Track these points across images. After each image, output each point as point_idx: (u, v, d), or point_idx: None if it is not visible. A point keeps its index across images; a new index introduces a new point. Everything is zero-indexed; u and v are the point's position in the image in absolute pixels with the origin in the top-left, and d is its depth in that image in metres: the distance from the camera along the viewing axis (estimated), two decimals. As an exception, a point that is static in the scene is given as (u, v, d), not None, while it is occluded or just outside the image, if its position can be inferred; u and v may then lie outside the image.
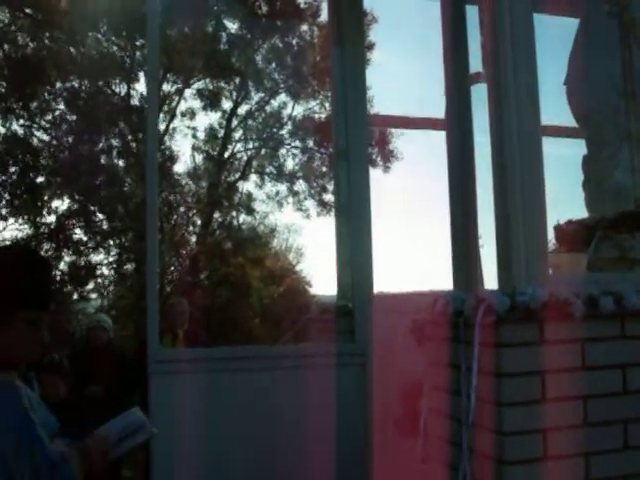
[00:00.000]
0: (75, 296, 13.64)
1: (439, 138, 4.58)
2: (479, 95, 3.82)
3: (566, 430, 2.80)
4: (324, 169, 16.53)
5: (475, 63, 3.98)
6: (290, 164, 17.25)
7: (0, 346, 2.32)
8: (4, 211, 13.05)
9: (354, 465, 4.00)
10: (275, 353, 4.24)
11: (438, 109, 4.41)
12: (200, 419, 3.83)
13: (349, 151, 4.43)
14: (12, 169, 12.97)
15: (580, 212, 4.14)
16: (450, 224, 3.77)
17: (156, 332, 3.85)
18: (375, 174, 14.96)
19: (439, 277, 3.45)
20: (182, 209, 15.23)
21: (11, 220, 13.19)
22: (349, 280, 4.38)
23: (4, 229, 13.22)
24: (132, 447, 2.57)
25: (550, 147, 4.09)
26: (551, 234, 4.02)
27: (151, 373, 3.79)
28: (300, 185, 17.25)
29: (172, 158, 14.92)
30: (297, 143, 17.09)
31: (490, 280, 3.66)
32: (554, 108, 4.39)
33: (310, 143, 16.87)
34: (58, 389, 4.85)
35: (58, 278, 13.31)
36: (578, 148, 4.23)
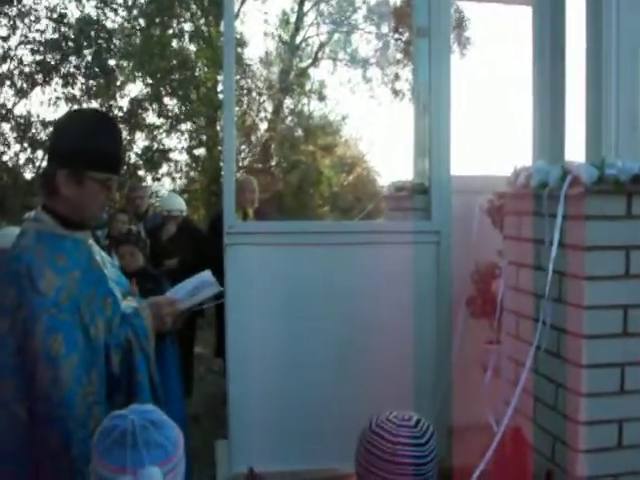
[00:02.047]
0: (149, 179, 13.87)
1: (518, 18, 4.39)
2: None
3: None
4: (398, 55, 16.13)
5: None
6: (363, 50, 16.89)
7: (74, 205, 2.40)
8: (78, 94, 13.17)
9: (427, 342, 4.03)
10: (350, 228, 4.22)
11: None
12: (274, 291, 3.89)
13: (430, 28, 4.24)
14: (86, 52, 12.97)
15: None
16: (534, 99, 3.65)
17: (232, 205, 3.87)
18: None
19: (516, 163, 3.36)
20: (253, 94, 15.12)
21: (85, 104, 13.31)
22: (426, 161, 4.31)
23: (79, 113, 13.36)
24: (201, 301, 2.68)
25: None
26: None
27: (226, 245, 3.84)
28: (373, 72, 16.93)
29: (243, 43, 14.70)
30: (371, 28, 16.65)
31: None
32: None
33: (385, 28, 16.41)
34: (136, 259, 4.95)
35: (132, 161, 13.53)
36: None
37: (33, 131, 12.84)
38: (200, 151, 14.48)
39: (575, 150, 3.31)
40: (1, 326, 2.24)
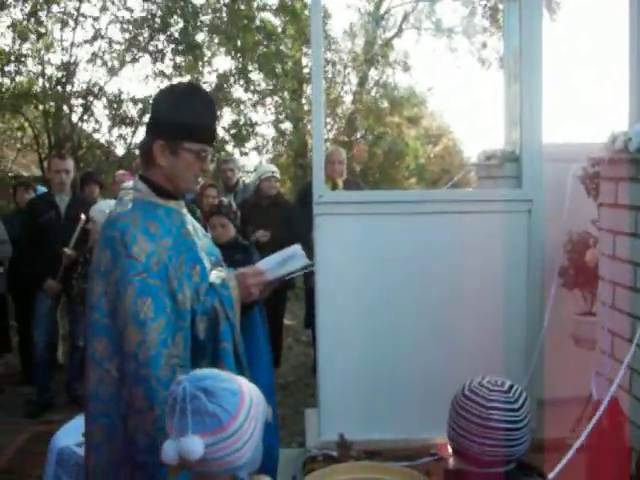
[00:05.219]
0: (237, 153, 14.02)
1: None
2: None
3: None
4: (485, 23, 15.79)
5: None
6: (448, 19, 16.64)
7: (169, 175, 2.49)
8: (167, 71, 13.40)
9: (518, 313, 3.98)
10: (440, 197, 4.17)
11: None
12: (363, 261, 3.90)
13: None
14: (174, 28, 13.16)
15: None
16: (630, 60, 3.50)
17: (322, 175, 3.88)
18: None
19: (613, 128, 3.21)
20: (338, 67, 15.10)
21: (174, 80, 13.53)
22: (517, 129, 4.22)
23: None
24: (288, 272, 2.69)
25: None
26: None
27: (316, 215, 3.86)
28: (459, 41, 16.66)
29: (327, 15, 14.66)
30: (457, -5, 16.36)
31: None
32: None
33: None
34: (227, 230, 4.99)
35: (220, 136, 13.72)
36: None
37: (124, 108, 13.15)
38: (286, 125, 14.58)
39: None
40: (96, 288, 2.37)
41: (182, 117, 2.44)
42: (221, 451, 1.77)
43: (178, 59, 13.33)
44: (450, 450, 2.12)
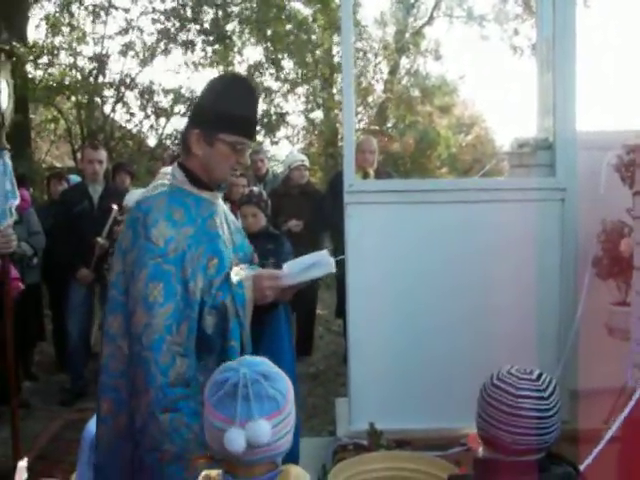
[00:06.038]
0: (267, 143, 14.02)
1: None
2: None
3: None
4: (517, 9, 15.60)
5: None
6: (480, 6, 16.48)
7: (203, 165, 2.48)
8: (198, 61, 13.40)
9: (551, 304, 3.95)
10: (472, 186, 4.15)
11: None
12: (394, 250, 3.89)
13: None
14: (204, 18, 13.17)
15: None
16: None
17: (352, 164, 3.88)
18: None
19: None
20: (369, 56, 15.03)
21: (205, 70, 13.56)
22: (550, 116, 4.17)
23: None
24: (311, 278, 2.65)
25: None
26: None
27: (346, 203, 3.86)
28: (490, 28, 16.50)
29: (358, 4, 14.59)
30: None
31: None
32: None
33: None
34: (258, 220, 4.96)
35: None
36: None
37: (156, 99, 13.20)
38: (317, 114, 14.55)
39: None
40: (116, 266, 2.42)
41: (219, 107, 2.43)
42: (276, 434, 1.78)
43: (209, 49, 13.33)
44: (479, 439, 2.11)
